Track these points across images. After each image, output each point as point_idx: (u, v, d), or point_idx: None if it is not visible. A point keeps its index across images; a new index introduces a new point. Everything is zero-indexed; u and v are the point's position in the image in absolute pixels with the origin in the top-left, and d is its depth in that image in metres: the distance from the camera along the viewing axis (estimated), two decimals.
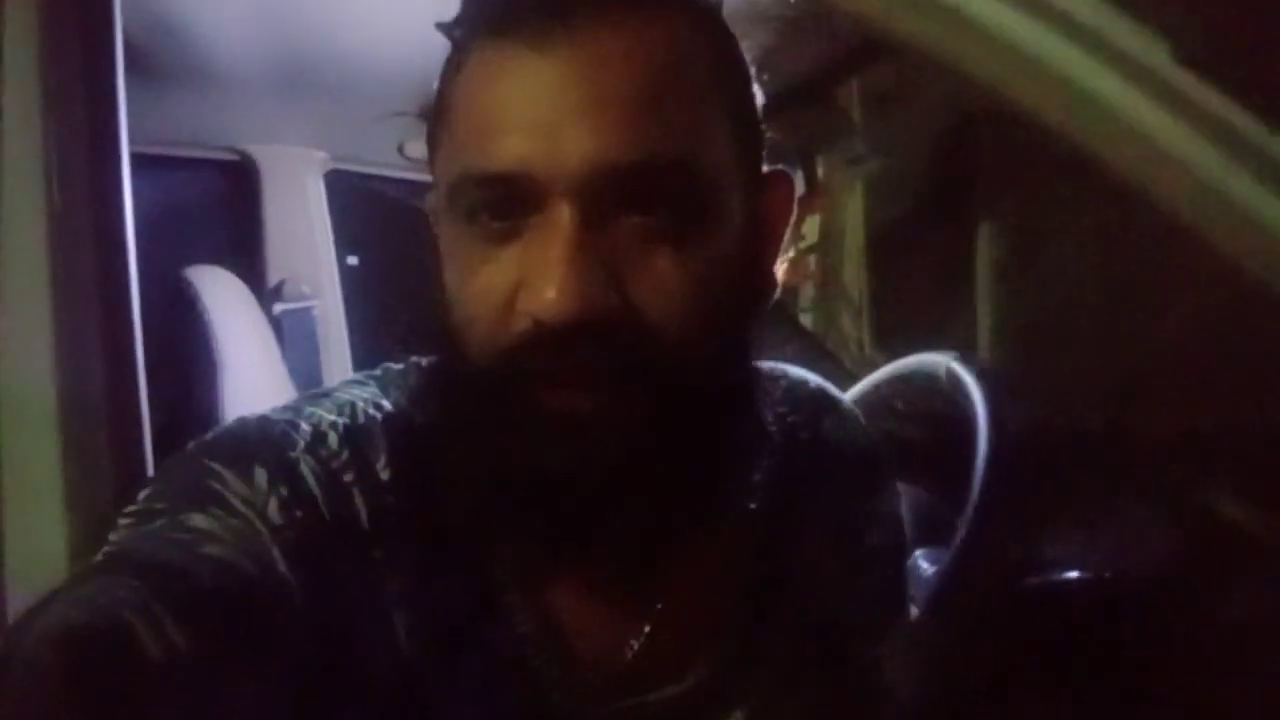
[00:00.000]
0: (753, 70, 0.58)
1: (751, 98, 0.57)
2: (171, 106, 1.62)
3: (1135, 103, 0.60)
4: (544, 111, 0.48)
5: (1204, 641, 0.92)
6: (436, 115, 0.56)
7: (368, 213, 1.92)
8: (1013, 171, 1.75)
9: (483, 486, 0.54)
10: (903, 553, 0.74)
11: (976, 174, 1.88)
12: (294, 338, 1.80)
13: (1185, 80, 0.60)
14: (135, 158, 1.65)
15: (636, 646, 0.58)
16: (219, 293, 1.55)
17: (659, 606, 0.59)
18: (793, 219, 0.61)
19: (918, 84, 1.74)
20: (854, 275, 2.30)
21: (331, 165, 1.91)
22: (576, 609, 0.58)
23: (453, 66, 0.55)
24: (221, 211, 1.87)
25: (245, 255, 1.83)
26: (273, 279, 1.83)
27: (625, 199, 0.49)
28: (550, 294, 0.47)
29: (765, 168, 0.58)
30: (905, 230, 2.15)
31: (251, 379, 1.50)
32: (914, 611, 0.94)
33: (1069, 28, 0.60)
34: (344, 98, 1.63)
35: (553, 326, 0.48)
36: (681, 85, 0.51)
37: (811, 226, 2.27)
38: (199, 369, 1.46)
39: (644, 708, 0.59)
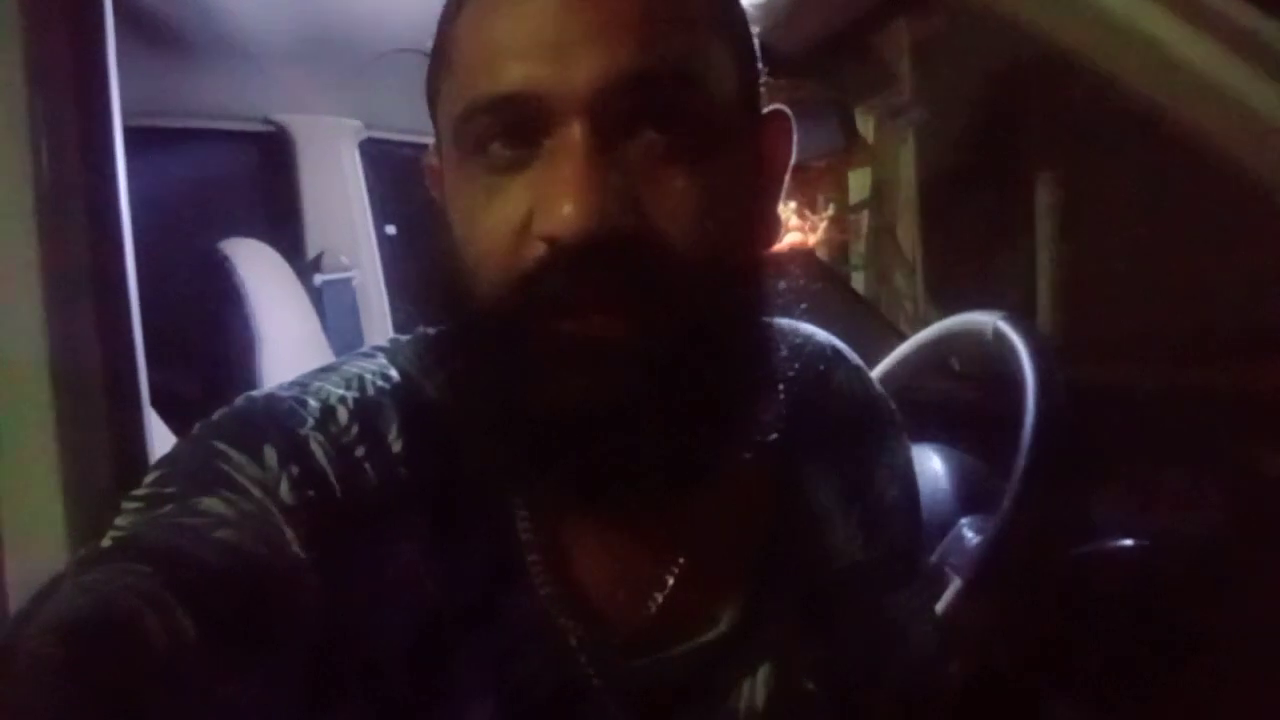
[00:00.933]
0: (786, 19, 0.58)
1: (749, 37, 0.57)
2: (202, 79, 1.62)
3: (1197, 45, 0.56)
4: (550, 34, 0.48)
5: (1256, 612, 0.89)
6: (436, 61, 0.55)
7: (404, 181, 1.91)
8: (1069, 121, 1.69)
9: (504, 425, 0.53)
10: (915, 503, 0.73)
11: (1031, 125, 1.82)
12: (334, 309, 1.80)
13: (1254, 18, 0.56)
14: (169, 132, 1.65)
15: (660, 600, 0.58)
16: (255, 266, 1.56)
17: (680, 560, 0.58)
18: (792, 160, 0.60)
19: (970, 32, 1.67)
20: (907, 231, 2.25)
21: (366, 133, 1.90)
22: (598, 567, 0.58)
23: (453, 9, 0.54)
24: (257, 184, 1.87)
25: (282, 227, 1.82)
26: (311, 251, 1.84)
27: (636, 115, 0.49)
28: (567, 210, 0.47)
29: (764, 109, 0.59)
30: (960, 184, 2.10)
31: (289, 352, 1.51)
32: (956, 581, 0.92)
33: None
34: (375, 65, 1.62)
35: (570, 246, 0.47)
36: (684, 16, 0.51)
37: (863, 181, 2.23)
38: (237, 344, 1.46)
39: (668, 663, 0.58)
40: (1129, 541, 0.95)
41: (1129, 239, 1.69)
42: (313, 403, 0.57)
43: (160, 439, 0.71)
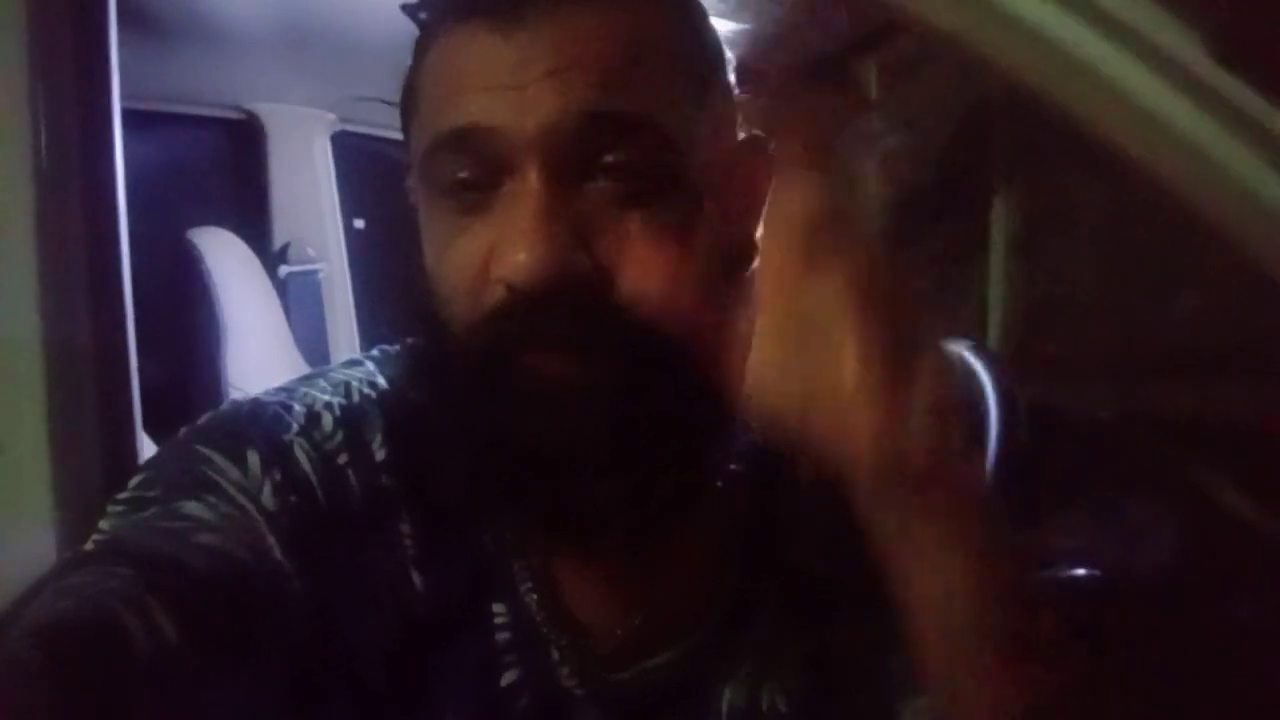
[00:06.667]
0: (769, 45, 0.58)
1: (721, 69, 0.58)
2: (176, 63, 1.59)
3: (1166, 100, 0.58)
4: (509, 76, 0.49)
5: (1209, 642, 0.92)
6: (406, 102, 0.56)
7: (375, 175, 1.90)
8: (1030, 147, 1.73)
9: (471, 460, 0.53)
10: None
11: (994, 149, 1.85)
12: (299, 302, 1.79)
13: (1221, 77, 0.58)
14: (138, 115, 1.62)
15: (644, 611, 0.58)
16: (223, 256, 1.54)
17: (663, 572, 0.59)
18: (771, 184, 0.60)
19: (937, 59, 1.70)
20: None
21: (339, 126, 1.89)
22: (582, 579, 0.58)
23: (420, 53, 0.55)
24: (226, 172, 1.85)
25: (250, 217, 1.80)
26: (278, 242, 1.82)
27: (592, 156, 0.50)
28: (521, 257, 0.48)
29: (741, 134, 0.59)
30: (919, 203, 2.13)
31: (255, 344, 1.49)
32: None
33: (1096, 17, 0.58)
34: (352, 58, 1.61)
35: (526, 291, 0.48)
36: (643, 55, 0.52)
37: None
38: (202, 334, 1.45)
39: (651, 672, 0.59)
40: (1081, 571, 0.97)
41: (1083, 260, 1.73)
42: (298, 408, 0.57)
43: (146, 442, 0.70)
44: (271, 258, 1.79)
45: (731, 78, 0.59)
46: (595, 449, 0.50)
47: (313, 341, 1.77)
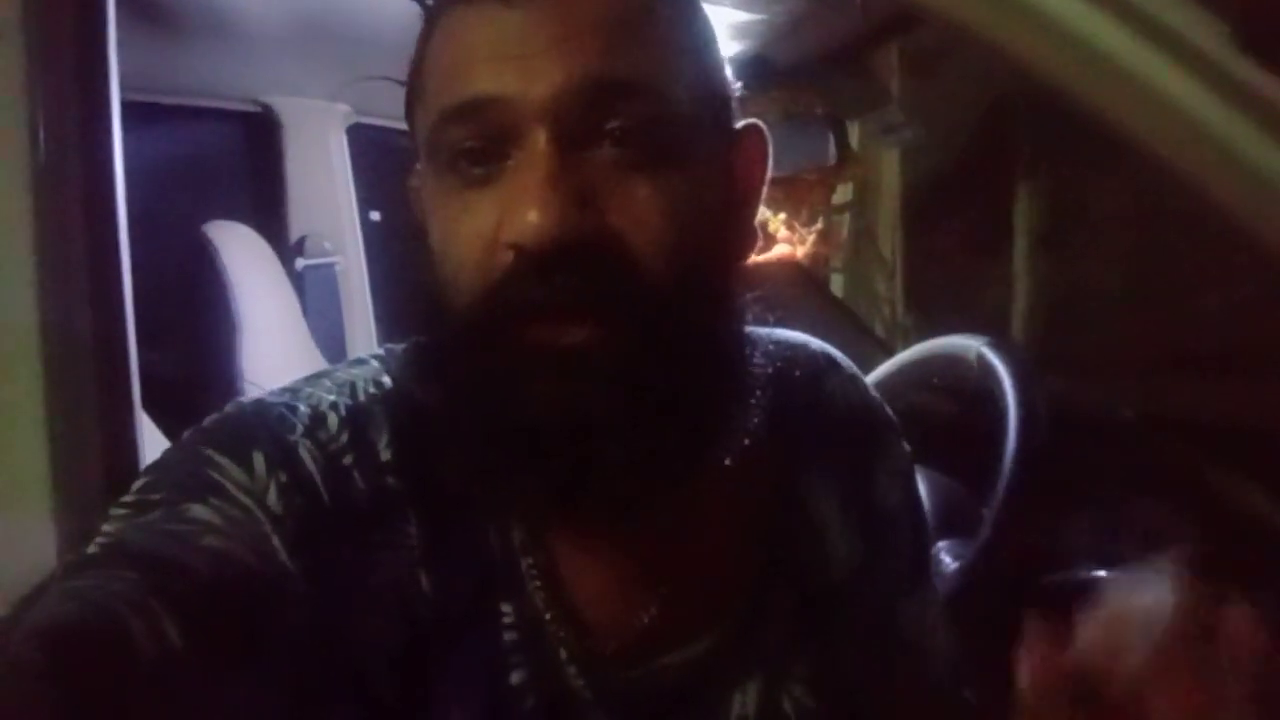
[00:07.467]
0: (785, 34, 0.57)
1: (717, 54, 0.59)
2: (192, 56, 1.59)
3: (1189, 90, 0.57)
4: (515, 46, 0.50)
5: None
6: (413, 85, 0.56)
7: (391, 168, 1.90)
8: (1054, 139, 1.71)
9: (482, 435, 0.53)
10: (917, 510, 0.72)
11: (1017, 141, 1.84)
12: (316, 294, 1.79)
13: (1244, 67, 0.57)
14: (154, 108, 1.62)
15: (654, 610, 0.58)
16: (238, 250, 1.54)
17: (674, 570, 0.58)
18: (768, 173, 0.61)
19: (959, 50, 1.69)
20: (888, 237, 2.27)
21: (354, 119, 1.89)
22: (591, 577, 0.58)
23: (425, 38, 0.55)
24: (242, 165, 1.86)
25: (266, 211, 1.81)
26: (294, 235, 1.82)
27: (598, 124, 0.50)
28: (531, 216, 0.48)
29: (738, 123, 0.59)
30: (941, 193, 2.11)
31: (271, 338, 1.50)
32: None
33: (1119, 7, 0.57)
34: (368, 51, 1.60)
35: (534, 252, 0.48)
36: (645, 29, 0.52)
37: (845, 185, 2.23)
38: (218, 328, 1.45)
39: (660, 674, 0.58)
40: (1101, 572, 0.96)
41: (1107, 255, 1.71)
42: (303, 409, 0.56)
43: (148, 436, 0.70)
44: (288, 251, 1.80)
45: (727, 65, 0.59)
46: (607, 415, 0.49)
47: (329, 335, 1.78)
